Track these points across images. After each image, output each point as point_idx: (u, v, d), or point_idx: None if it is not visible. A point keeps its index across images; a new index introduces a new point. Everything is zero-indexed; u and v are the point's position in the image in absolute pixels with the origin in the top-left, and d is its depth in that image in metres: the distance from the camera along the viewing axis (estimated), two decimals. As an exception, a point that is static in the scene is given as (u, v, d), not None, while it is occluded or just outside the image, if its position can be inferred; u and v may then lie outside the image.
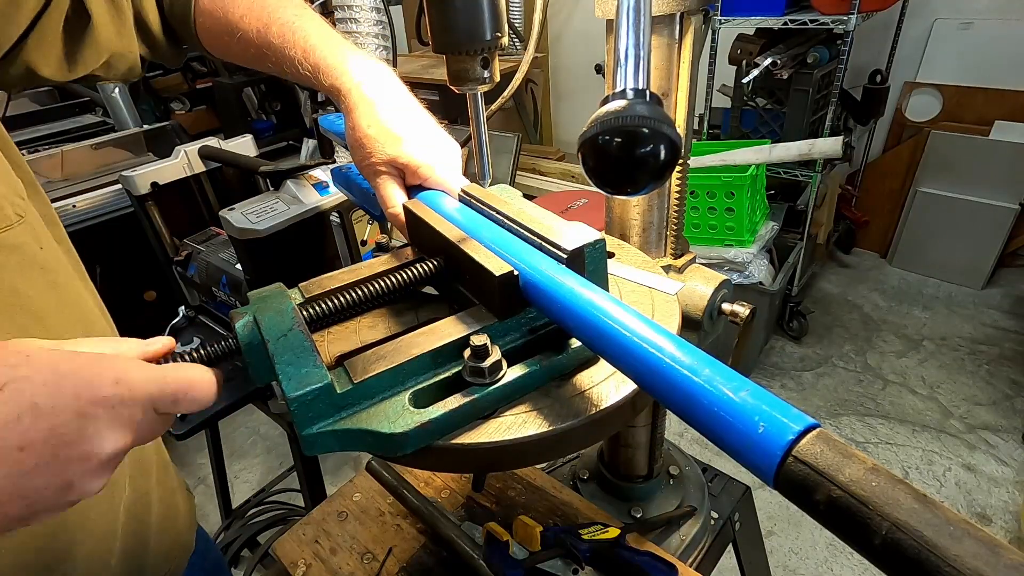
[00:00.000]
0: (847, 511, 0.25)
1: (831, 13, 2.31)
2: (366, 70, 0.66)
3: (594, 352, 0.43)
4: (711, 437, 0.32)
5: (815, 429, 0.28)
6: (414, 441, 0.46)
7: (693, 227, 2.51)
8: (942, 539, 0.23)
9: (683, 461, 1.15)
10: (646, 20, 0.51)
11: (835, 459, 0.26)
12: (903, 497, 0.24)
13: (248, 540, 1.90)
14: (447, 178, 0.66)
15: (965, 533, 0.23)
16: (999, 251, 3.03)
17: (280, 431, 2.63)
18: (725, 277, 0.79)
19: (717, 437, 0.32)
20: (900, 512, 0.24)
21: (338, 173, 0.84)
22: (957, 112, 3.07)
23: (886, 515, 0.24)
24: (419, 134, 0.66)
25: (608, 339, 0.39)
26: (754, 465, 0.29)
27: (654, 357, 0.35)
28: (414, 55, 3.63)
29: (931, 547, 0.23)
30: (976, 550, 0.22)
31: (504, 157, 2.57)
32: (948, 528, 0.23)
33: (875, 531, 0.24)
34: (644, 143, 0.45)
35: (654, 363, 0.35)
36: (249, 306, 0.51)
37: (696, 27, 0.70)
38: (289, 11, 0.69)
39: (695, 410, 0.32)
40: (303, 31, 0.68)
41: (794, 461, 0.27)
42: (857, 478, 0.25)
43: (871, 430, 2.43)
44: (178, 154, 1.46)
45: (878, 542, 0.24)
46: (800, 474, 0.27)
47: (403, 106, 0.66)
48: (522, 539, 0.89)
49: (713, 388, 0.31)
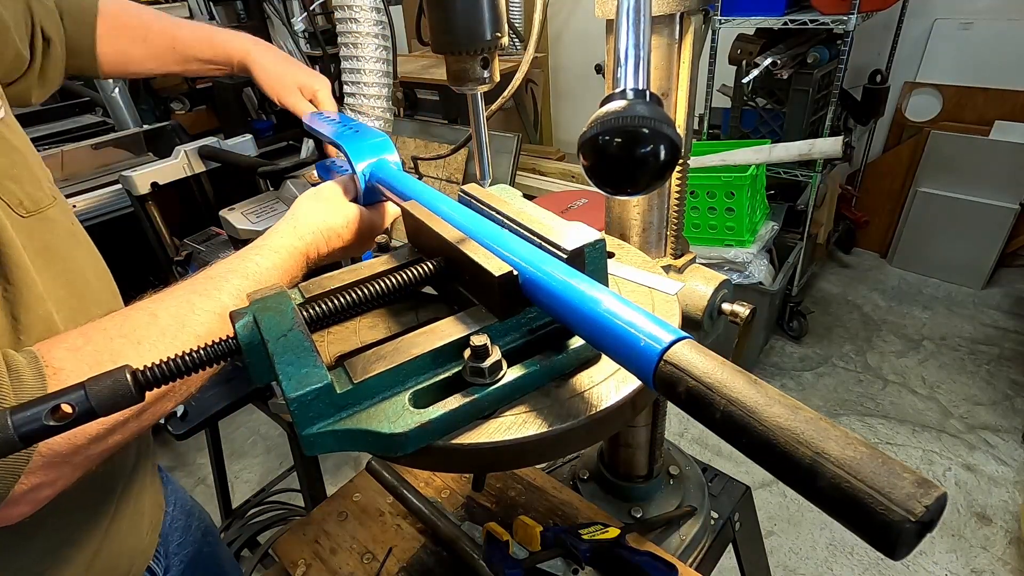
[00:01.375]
0: (698, 396, 0.32)
1: (831, 13, 2.31)
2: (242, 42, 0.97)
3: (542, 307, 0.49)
4: (610, 354, 0.40)
5: (682, 340, 0.35)
6: (414, 441, 0.46)
7: (693, 227, 2.51)
8: (760, 408, 0.30)
9: (683, 461, 1.15)
10: (646, 20, 0.51)
11: (693, 360, 0.33)
12: (738, 382, 0.31)
13: (248, 540, 1.89)
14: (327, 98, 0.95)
15: (776, 402, 0.30)
16: (999, 251, 3.03)
17: (280, 431, 2.63)
18: (725, 277, 0.79)
19: (613, 353, 0.39)
20: (733, 392, 0.31)
21: (322, 167, 0.91)
22: (957, 112, 3.07)
23: (723, 395, 0.31)
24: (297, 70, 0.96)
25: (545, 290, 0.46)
26: (639, 370, 0.36)
27: (572, 299, 0.43)
28: (414, 55, 3.63)
29: (751, 413, 0.30)
30: (781, 412, 0.29)
31: (504, 157, 2.57)
32: (766, 400, 0.30)
33: (716, 408, 0.32)
34: (644, 143, 0.45)
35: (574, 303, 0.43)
36: (249, 306, 0.51)
37: (696, 27, 0.70)
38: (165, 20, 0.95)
39: (596, 335, 0.41)
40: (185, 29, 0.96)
41: (665, 364, 0.34)
42: (706, 371, 0.32)
43: (871, 430, 2.43)
44: (178, 154, 1.46)
45: (718, 416, 0.31)
46: (668, 373, 0.34)
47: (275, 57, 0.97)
48: (522, 539, 0.89)
49: (606, 314, 0.39)
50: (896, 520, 0.25)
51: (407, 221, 0.65)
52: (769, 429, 0.29)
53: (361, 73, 1.82)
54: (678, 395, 0.34)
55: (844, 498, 0.26)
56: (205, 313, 0.55)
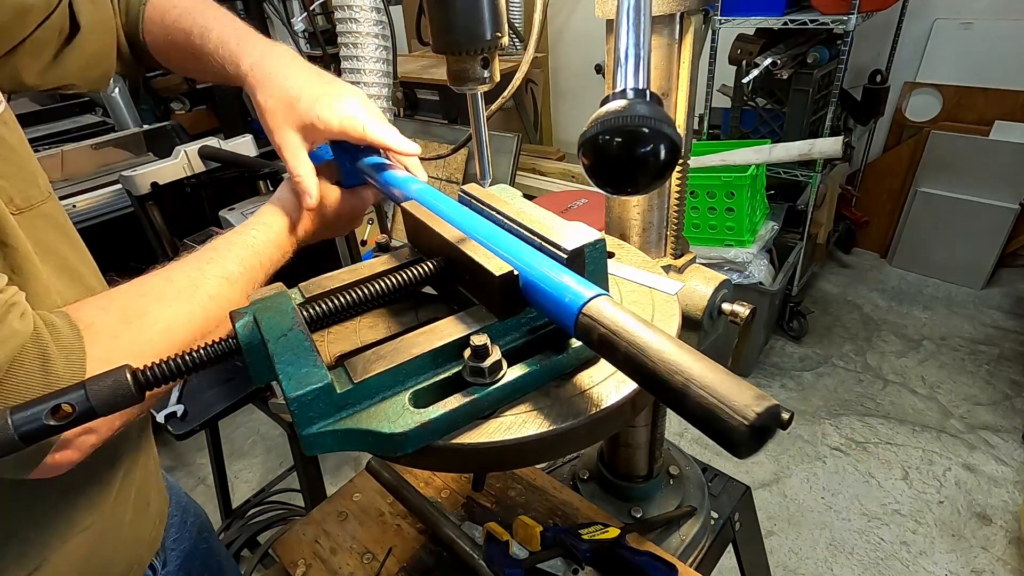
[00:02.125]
0: (607, 340, 0.39)
1: (831, 13, 2.31)
2: (261, 50, 0.69)
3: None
4: (546, 310, 0.47)
5: (598, 297, 0.42)
6: (414, 441, 0.46)
7: (693, 227, 2.51)
8: (649, 347, 0.36)
9: (683, 461, 1.15)
10: (646, 20, 0.51)
11: (604, 312, 0.40)
12: (635, 329, 0.38)
13: (248, 540, 1.89)
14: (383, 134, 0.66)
15: (662, 342, 0.36)
16: (999, 251, 3.03)
17: (280, 431, 2.63)
18: (725, 277, 0.79)
19: (547, 308, 0.46)
20: (632, 337, 0.38)
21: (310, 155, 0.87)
22: (957, 112, 3.07)
23: (624, 339, 0.38)
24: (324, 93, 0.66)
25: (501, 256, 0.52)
26: (565, 321, 0.43)
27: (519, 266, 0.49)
28: (414, 55, 3.63)
29: (643, 352, 0.37)
30: (664, 349, 0.36)
31: (504, 157, 2.57)
32: (655, 341, 0.37)
33: (619, 349, 0.38)
34: (644, 143, 0.45)
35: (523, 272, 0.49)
36: (249, 306, 0.51)
37: (696, 27, 0.70)
38: (209, 14, 0.73)
39: (537, 296, 0.47)
40: (216, 30, 0.71)
41: (583, 316, 0.41)
42: (613, 321, 0.39)
43: (871, 430, 2.43)
44: (178, 154, 1.46)
45: (621, 356, 0.38)
46: (585, 323, 0.41)
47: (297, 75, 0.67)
48: (522, 539, 0.89)
49: (542, 278, 0.47)
50: (735, 425, 0.31)
51: (407, 221, 0.65)
52: (655, 363, 0.36)
53: (361, 73, 1.82)
54: (592, 340, 0.41)
55: (703, 411, 0.33)
56: (215, 277, 0.59)
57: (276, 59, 0.68)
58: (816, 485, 2.23)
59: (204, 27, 0.72)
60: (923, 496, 2.16)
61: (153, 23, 0.77)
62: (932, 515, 2.09)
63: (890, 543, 2.01)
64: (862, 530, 2.06)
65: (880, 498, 2.16)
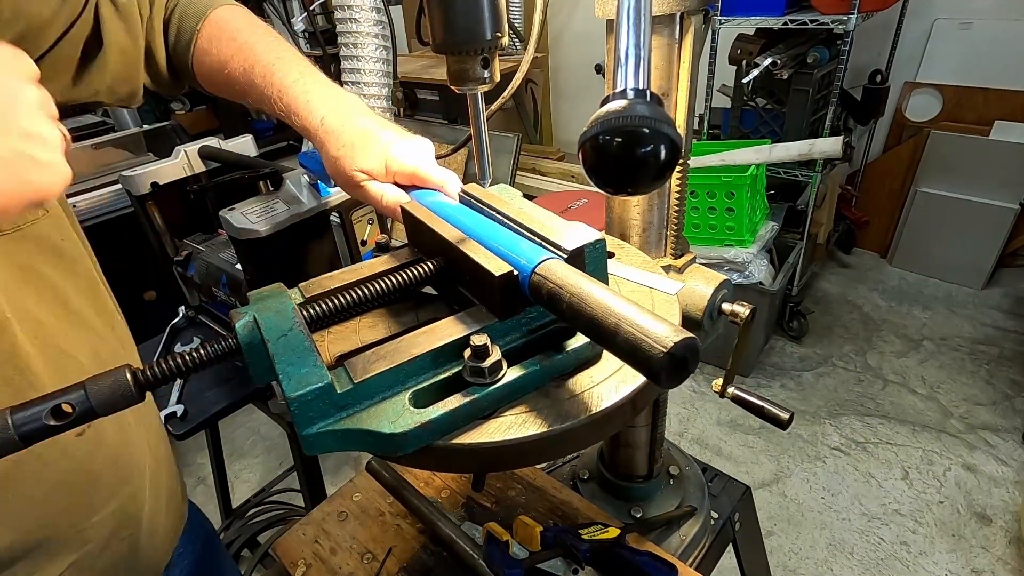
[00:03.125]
0: (553, 294, 0.44)
1: (831, 13, 2.31)
2: (328, 104, 0.69)
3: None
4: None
5: (549, 259, 0.47)
6: (414, 441, 0.46)
7: (693, 227, 2.51)
8: (586, 296, 0.41)
9: (683, 461, 1.15)
10: (646, 20, 0.51)
11: (553, 270, 0.46)
12: (576, 281, 0.43)
13: (248, 540, 1.89)
14: (444, 176, 0.67)
15: (599, 291, 0.41)
16: (999, 251, 3.03)
17: (280, 431, 2.63)
18: (725, 277, 0.79)
19: None
20: (573, 288, 0.43)
21: (305, 156, 0.88)
22: (957, 112, 3.07)
23: (568, 291, 0.43)
24: (391, 142, 0.67)
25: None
26: (522, 281, 0.48)
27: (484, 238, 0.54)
28: (414, 55, 3.63)
29: (582, 300, 0.41)
30: (600, 296, 0.41)
31: (504, 157, 2.57)
32: (593, 290, 0.41)
33: (563, 300, 0.43)
34: (645, 143, 0.45)
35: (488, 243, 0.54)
36: (249, 306, 0.51)
37: (696, 27, 0.70)
38: (272, 54, 0.73)
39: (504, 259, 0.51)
40: (280, 73, 0.71)
41: (535, 275, 0.47)
42: (559, 276, 0.45)
43: (871, 430, 2.43)
44: (178, 154, 1.46)
45: (564, 306, 0.43)
46: (536, 281, 0.46)
47: (364, 126, 0.68)
48: (522, 539, 0.89)
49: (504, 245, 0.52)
50: (654, 354, 0.35)
51: (407, 221, 0.65)
52: (593, 308, 0.40)
53: (361, 73, 1.82)
54: (543, 296, 0.46)
55: (630, 346, 0.37)
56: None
57: (343, 111, 0.69)
58: (816, 485, 2.23)
59: (267, 66, 0.71)
60: (923, 496, 2.16)
61: (207, 54, 0.76)
62: (932, 515, 2.09)
63: (890, 543, 2.01)
64: (862, 530, 2.06)
65: (880, 498, 2.16)
